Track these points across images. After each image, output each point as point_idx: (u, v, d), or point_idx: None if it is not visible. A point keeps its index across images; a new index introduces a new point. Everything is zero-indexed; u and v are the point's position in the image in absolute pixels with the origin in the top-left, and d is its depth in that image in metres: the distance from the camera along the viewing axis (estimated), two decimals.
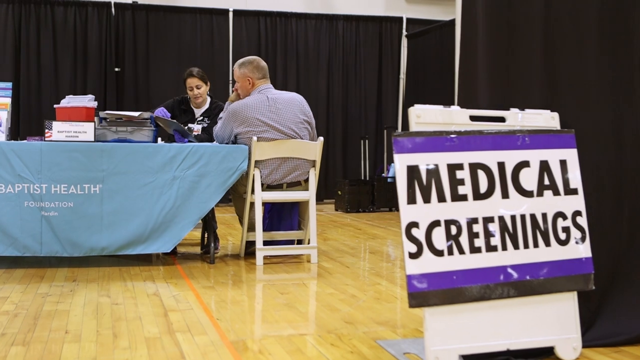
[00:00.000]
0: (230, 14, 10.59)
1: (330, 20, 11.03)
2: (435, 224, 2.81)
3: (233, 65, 9.95)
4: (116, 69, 10.11)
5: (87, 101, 5.37)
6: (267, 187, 5.41)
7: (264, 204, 5.58)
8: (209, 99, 6.19)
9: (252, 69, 5.49)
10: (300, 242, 5.69)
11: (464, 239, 2.83)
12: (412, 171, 2.81)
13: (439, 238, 2.80)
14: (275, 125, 5.33)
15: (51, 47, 9.94)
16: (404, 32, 11.25)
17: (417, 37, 10.99)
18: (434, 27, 10.59)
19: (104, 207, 5.03)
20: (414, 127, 2.87)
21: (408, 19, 11.31)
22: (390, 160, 10.73)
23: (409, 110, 2.84)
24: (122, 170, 5.06)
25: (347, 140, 11.10)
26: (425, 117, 2.90)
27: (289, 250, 5.46)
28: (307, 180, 5.49)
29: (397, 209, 10.07)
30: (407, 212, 2.79)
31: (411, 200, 2.80)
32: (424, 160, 2.83)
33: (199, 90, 6.06)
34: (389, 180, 9.85)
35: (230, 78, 10.42)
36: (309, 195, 5.43)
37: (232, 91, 5.68)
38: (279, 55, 10.76)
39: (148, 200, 5.08)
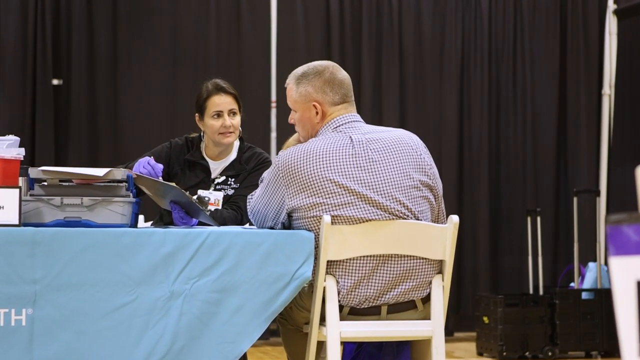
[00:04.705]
0: None
1: None
2: None
3: (280, 77, 10.11)
4: (55, 82, 10.31)
5: (6, 147, 5.51)
6: (350, 311, 5.44)
7: (344, 345, 5.61)
8: (237, 143, 6.32)
9: (321, 85, 5.49)
10: None
11: None
12: None
13: None
14: (367, 194, 5.33)
15: None
16: (611, 6, 11.31)
17: (638, 15, 11.02)
18: None
19: (36, 351, 5.10)
20: None
21: None
22: (587, 259, 10.66)
23: (637, 170, 2.86)
24: (72, 281, 5.14)
25: (498, 217, 11.14)
26: None
27: None
28: (426, 300, 5.50)
29: (607, 355, 9.98)
30: None
31: None
32: None
33: (233, 122, 6.16)
34: (584, 296, 9.78)
35: (275, 100, 10.56)
36: (432, 328, 5.42)
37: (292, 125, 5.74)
38: (367, 56, 10.89)
39: (121, 338, 5.15)
